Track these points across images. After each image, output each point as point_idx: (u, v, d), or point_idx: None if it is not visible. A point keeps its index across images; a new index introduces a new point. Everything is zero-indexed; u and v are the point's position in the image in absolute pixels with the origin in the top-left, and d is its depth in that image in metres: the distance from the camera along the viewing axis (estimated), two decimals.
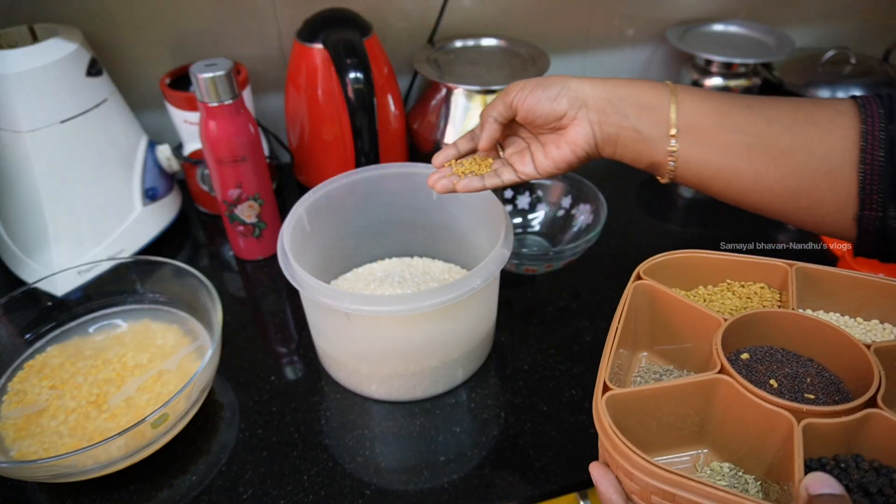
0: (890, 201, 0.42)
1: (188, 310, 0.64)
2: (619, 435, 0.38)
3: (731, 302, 0.50)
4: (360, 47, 0.72)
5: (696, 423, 0.44)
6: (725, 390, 0.42)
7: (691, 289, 0.53)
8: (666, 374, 0.49)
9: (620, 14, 1.00)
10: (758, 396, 0.40)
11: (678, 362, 0.51)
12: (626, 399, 0.42)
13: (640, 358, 0.52)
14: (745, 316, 0.46)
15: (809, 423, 0.38)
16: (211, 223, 0.85)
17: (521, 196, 0.79)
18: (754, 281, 0.52)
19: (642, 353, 0.52)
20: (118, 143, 0.75)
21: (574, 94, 0.48)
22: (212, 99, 0.65)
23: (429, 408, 0.60)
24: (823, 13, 1.10)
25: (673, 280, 0.51)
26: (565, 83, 0.48)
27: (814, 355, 0.46)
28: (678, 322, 0.49)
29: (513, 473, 0.54)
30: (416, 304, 0.51)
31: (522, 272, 0.71)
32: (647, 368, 0.50)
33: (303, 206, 0.61)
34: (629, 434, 0.39)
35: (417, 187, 0.66)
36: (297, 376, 0.64)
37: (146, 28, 0.82)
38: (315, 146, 0.84)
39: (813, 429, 0.38)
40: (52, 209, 0.69)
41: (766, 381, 0.44)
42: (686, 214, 0.89)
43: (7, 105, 0.65)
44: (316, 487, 0.53)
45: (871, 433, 0.40)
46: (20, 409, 0.56)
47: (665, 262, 0.51)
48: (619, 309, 0.47)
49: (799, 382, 0.44)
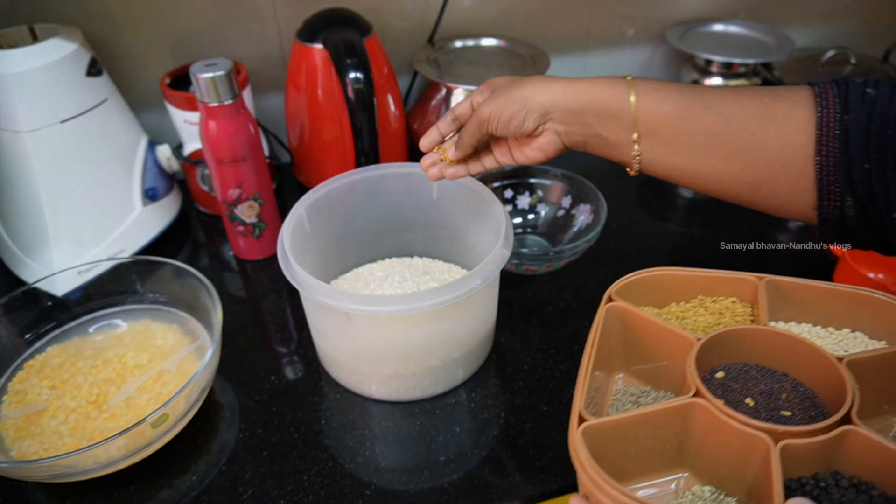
0: (846, 191, 0.43)
1: (188, 310, 0.64)
2: (598, 470, 0.37)
3: (704, 318, 0.50)
4: (360, 47, 0.72)
5: (675, 446, 0.44)
6: (702, 414, 0.42)
7: (664, 306, 0.53)
8: (643, 396, 0.49)
9: (620, 14, 1.00)
10: (734, 419, 0.40)
11: (654, 382, 0.51)
12: (603, 428, 0.41)
13: (617, 380, 0.52)
14: (718, 335, 0.46)
15: (787, 444, 0.38)
16: (211, 223, 0.85)
17: (521, 196, 0.79)
18: (726, 296, 0.52)
19: (618, 374, 0.52)
20: (118, 143, 0.75)
21: (538, 112, 0.49)
22: (212, 99, 0.65)
23: (429, 408, 0.60)
24: (823, 13, 1.10)
25: (645, 298, 0.52)
26: (526, 101, 0.49)
27: (788, 370, 0.46)
28: (652, 342, 0.49)
29: (513, 473, 0.54)
30: (416, 304, 0.51)
31: (522, 272, 0.71)
32: (625, 390, 0.50)
33: (303, 206, 0.61)
34: (608, 463, 0.38)
35: (417, 187, 0.66)
36: (297, 376, 0.64)
37: (146, 28, 0.82)
38: (315, 146, 0.84)
39: (790, 449, 0.38)
40: (52, 209, 0.69)
41: (741, 400, 0.44)
42: (686, 214, 0.89)
43: (7, 105, 0.65)
44: (316, 487, 0.53)
45: (848, 449, 0.40)
46: (20, 409, 0.56)
47: (636, 281, 0.51)
48: (591, 333, 0.47)
49: (775, 399, 0.44)
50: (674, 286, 0.52)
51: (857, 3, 1.10)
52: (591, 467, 0.37)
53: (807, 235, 0.81)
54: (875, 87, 0.42)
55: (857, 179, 0.42)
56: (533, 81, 0.50)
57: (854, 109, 0.42)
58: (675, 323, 0.50)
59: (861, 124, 0.41)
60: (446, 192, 0.66)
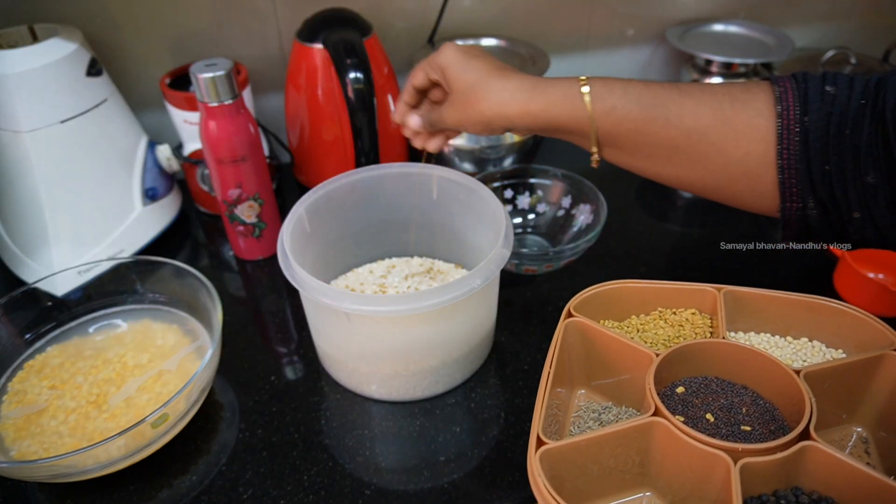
0: (808, 194, 0.43)
1: (188, 310, 0.64)
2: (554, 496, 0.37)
3: (664, 331, 0.51)
4: (360, 47, 0.72)
5: (637, 464, 0.44)
6: (662, 432, 0.42)
7: (624, 319, 0.53)
8: (605, 412, 0.49)
9: (620, 14, 1.00)
10: (694, 438, 0.40)
11: (616, 397, 0.50)
12: (563, 451, 0.41)
13: (579, 395, 0.52)
14: (677, 349, 0.46)
15: (746, 462, 0.38)
16: (211, 223, 0.85)
17: (521, 196, 0.79)
18: (685, 307, 0.52)
19: (580, 390, 0.52)
20: (118, 143, 0.75)
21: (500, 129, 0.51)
22: (212, 99, 0.65)
23: (429, 408, 0.60)
24: (823, 13, 1.10)
25: (605, 312, 0.52)
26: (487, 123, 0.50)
27: (748, 382, 0.46)
28: (612, 357, 0.49)
29: (513, 473, 0.54)
30: (416, 304, 0.51)
31: (522, 272, 0.71)
32: (587, 407, 0.50)
33: (303, 206, 0.61)
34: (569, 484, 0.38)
35: (417, 187, 0.66)
36: (297, 376, 0.64)
37: (146, 28, 0.82)
38: (315, 146, 0.84)
39: (750, 467, 0.38)
40: (52, 209, 0.69)
41: (702, 416, 0.44)
42: (686, 214, 0.89)
43: (7, 105, 0.65)
44: (316, 487, 0.53)
45: (807, 465, 0.40)
46: (20, 409, 0.56)
47: (595, 295, 0.51)
48: (550, 349, 0.47)
49: (735, 414, 0.44)
50: (633, 299, 0.52)
51: (857, 3, 1.10)
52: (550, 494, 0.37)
53: None
54: (833, 83, 0.42)
55: (818, 181, 0.42)
56: (488, 97, 0.49)
57: (814, 111, 0.42)
58: (636, 336, 0.51)
59: (820, 126, 0.41)
60: (446, 192, 0.66)
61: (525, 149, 0.86)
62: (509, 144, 0.84)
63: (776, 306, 0.50)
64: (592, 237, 0.69)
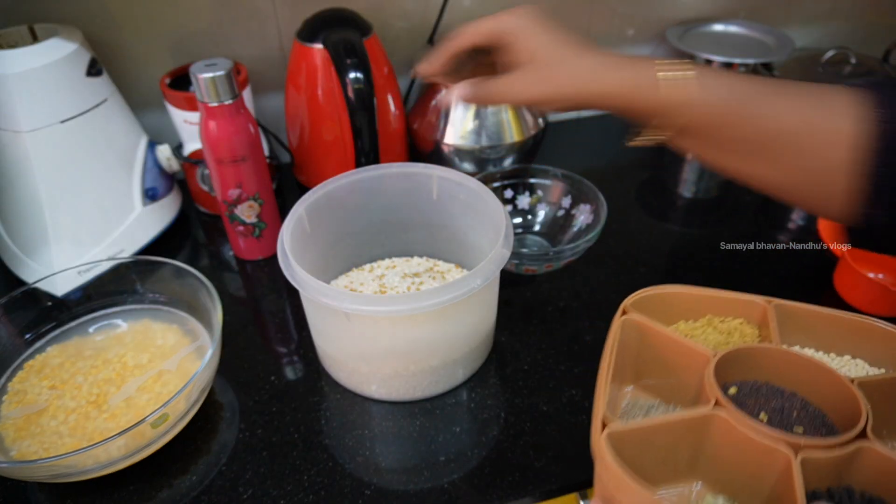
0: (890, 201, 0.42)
1: (188, 310, 0.64)
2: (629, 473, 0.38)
3: (714, 337, 0.51)
4: (360, 47, 0.72)
5: (687, 456, 0.45)
6: (721, 425, 0.43)
7: (671, 323, 0.53)
8: (653, 409, 0.49)
9: (620, 14, 1.00)
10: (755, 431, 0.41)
11: (664, 396, 0.51)
12: (625, 434, 0.42)
13: (626, 392, 0.52)
14: (734, 351, 0.46)
15: (806, 456, 0.39)
16: (211, 223, 0.85)
17: (521, 196, 0.79)
18: (734, 317, 0.52)
19: (627, 387, 0.52)
20: (118, 143, 0.75)
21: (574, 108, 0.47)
22: (212, 99, 0.65)
23: (429, 408, 0.60)
24: (823, 13, 1.10)
25: (654, 314, 0.52)
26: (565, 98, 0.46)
27: (797, 389, 0.47)
28: (665, 356, 0.49)
29: (513, 473, 0.54)
30: (416, 304, 0.51)
31: (522, 272, 0.71)
32: (634, 403, 0.51)
33: (303, 206, 0.61)
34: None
35: (417, 187, 0.66)
36: (297, 376, 0.64)
37: (146, 28, 0.82)
38: (315, 146, 0.84)
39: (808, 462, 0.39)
40: (52, 209, 0.69)
41: (755, 415, 0.44)
42: (686, 214, 0.89)
43: (7, 105, 0.65)
44: (316, 487, 0.53)
45: (861, 465, 0.40)
46: (20, 409, 0.56)
47: (650, 296, 0.52)
48: (608, 343, 0.48)
49: (786, 416, 0.45)
50: (683, 304, 0.53)
51: (857, 3, 1.10)
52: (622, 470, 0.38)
53: (807, 235, 0.81)
54: None
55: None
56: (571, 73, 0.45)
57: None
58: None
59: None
60: (446, 192, 0.66)
61: (525, 149, 0.86)
62: (509, 144, 0.84)
63: (822, 322, 0.51)
64: (592, 237, 0.69)
